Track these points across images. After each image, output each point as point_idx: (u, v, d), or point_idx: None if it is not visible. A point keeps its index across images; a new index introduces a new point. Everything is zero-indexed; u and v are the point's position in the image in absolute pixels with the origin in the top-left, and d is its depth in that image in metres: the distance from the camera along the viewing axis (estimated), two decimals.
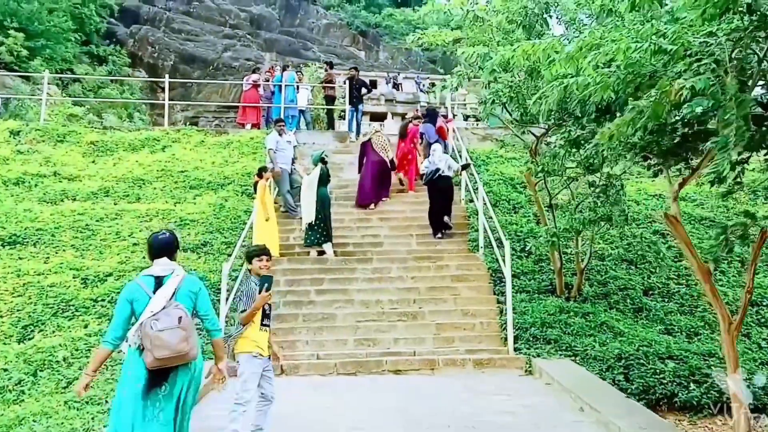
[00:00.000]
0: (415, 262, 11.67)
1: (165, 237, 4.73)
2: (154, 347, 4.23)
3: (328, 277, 11.19)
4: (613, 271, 11.57)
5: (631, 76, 5.47)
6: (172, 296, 4.46)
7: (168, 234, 4.78)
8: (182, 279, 4.58)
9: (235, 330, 5.79)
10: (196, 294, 4.61)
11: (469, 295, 10.73)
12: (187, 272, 4.79)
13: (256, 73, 18.90)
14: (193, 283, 4.64)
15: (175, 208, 12.88)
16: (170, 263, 4.64)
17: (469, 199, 13.96)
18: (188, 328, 4.35)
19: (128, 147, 15.43)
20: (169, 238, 4.74)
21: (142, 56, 36.58)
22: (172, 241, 4.74)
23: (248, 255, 5.93)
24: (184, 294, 4.54)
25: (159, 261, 4.63)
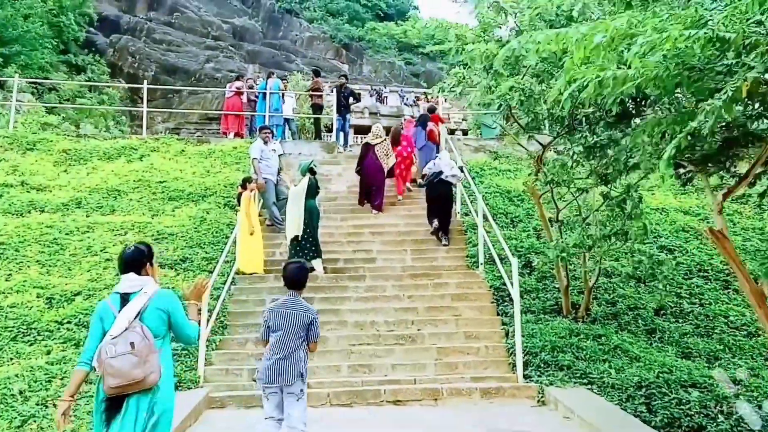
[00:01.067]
0: (411, 279, 10.86)
1: (131, 250, 4.37)
2: (106, 375, 3.98)
3: (317, 296, 10.34)
4: (621, 289, 10.83)
5: (678, 68, 4.72)
6: (136, 316, 4.13)
7: (134, 247, 4.40)
8: (151, 297, 4.20)
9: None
10: (167, 312, 4.24)
11: (471, 315, 9.92)
12: (162, 288, 4.40)
13: (239, 80, 18.05)
14: (164, 300, 4.25)
15: (152, 221, 11.99)
16: (138, 279, 4.26)
17: (465, 213, 13.20)
18: (143, 354, 4.01)
19: (103, 156, 14.52)
20: (136, 252, 4.36)
21: (122, 66, 35.71)
22: (140, 255, 4.35)
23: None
24: (152, 313, 4.18)
25: (125, 277, 4.28)
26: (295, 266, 5.75)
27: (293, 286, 5.64)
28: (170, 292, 4.37)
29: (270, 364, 5.39)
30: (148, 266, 4.37)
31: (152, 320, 4.16)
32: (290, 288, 5.63)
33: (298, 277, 5.69)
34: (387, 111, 35.59)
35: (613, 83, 4.99)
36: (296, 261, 6.10)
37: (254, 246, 11.10)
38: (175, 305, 4.30)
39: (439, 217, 12.22)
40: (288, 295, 5.62)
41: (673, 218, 12.55)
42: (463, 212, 13.20)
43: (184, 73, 36.28)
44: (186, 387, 8.17)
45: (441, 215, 12.25)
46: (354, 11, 48.50)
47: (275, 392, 5.43)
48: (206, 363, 8.68)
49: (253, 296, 10.42)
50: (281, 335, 5.41)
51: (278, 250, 11.86)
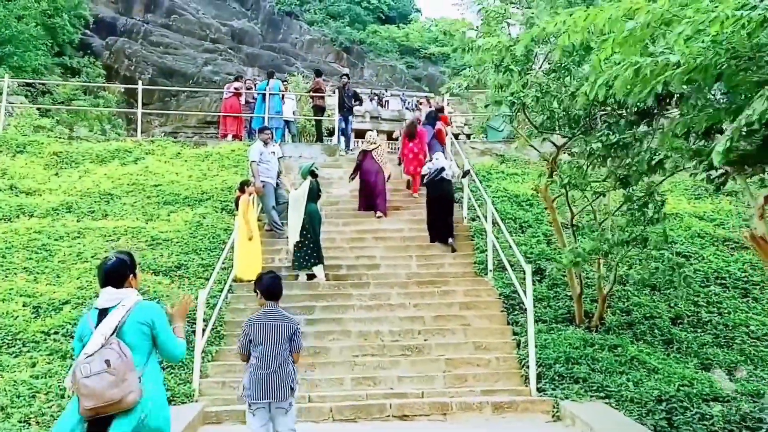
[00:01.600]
0: (417, 287, 10.39)
1: (112, 262, 4.05)
2: (81, 396, 3.70)
3: (319, 304, 9.87)
4: (636, 297, 10.36)
5: (726, 55, 4.27)
6: (113, 332, 3.84)
7: (115, 258, 4.09)
8: (129, 310, 3.91)
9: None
10: (150, 325, 3.96)
11: (481, 325, 9.45)
12: (145, 299, 4.11)
13: (238, 80, 17.56)
14: (144, 313, 3.95)
15: (146, 226, 11.51)
16: (117, 292, 3.96)
17: (472, 218, 12.73)
18: (120, 372, 3.73)
19: (96, 159, 14.04)
20: (117, 264, 4.05)
21: (119, 69, 35.23)
22: (121, 267, 4.05)
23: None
24: (132, 328, 3.90)
25: (104, 291, 3.99)
26: (270, 277, 5.55)
27: (271, 297, 5.43)
28: (152, 304, 4.07)
29: (258, 379, 5.14)
30: (130, 278, 4.08)
31: (132, 335, 3.88)
32: (268, 299, 5.41)
33: (276, 288, 5.50)
34: (388, 115, 35.12)
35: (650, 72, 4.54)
36: (268, 271, 5.82)
37: (253, 252, 10.65)
38: (158, 318, 3.99)
39: (442, 218, 11.84)
40: (267, 306, 5.40)
41: (687, 224, 12.09)
42: (470, 217, 12.74)
43: (182, 76, 35.79)
44: (180, 401, 7.72)
45: (444, 216, 11.87)
46: (355, 14, 48.02)
47: (263, 407, 5.15)
48: (201, 375, 8.22)
49: (251, 304, 9.90)
50: (266, 348, 5.19)
51: (278, 256, 11.40)
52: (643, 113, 8.02)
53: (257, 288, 5.46)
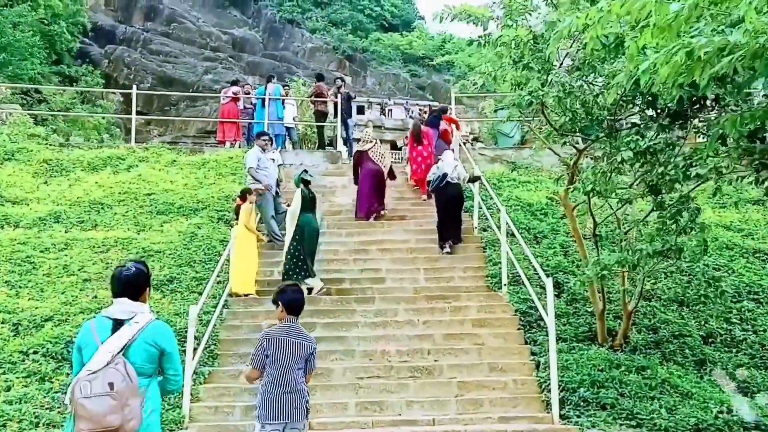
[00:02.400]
0: (425, 302, 9.68)
1: (128, 271, 3.82)
2: (78, 417, 3.46)
3: (320, 321, 9.16)
4: (663, 313, 9.62)
5: None
6: (121, 350, 3.59)
7: (134, 268, 3.86)
8: (142, 328, 3.68)
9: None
10: (159, 348, 3.74)
11: (496, 344, 8.73)
12: (156, 318, 3.87)
13: (236, 85, 16.89)
14: (157, 334, 3.75)
15: (137, 237, 10.83)
16: (132, 305, 3.75)
17: (483, 228, 12.03)
18: (123, 397, 3.48)
19: (87, 166, 13.38)
20: (134, 273, 3.82)
21: (117, 78, 34.73)
22: (137, 277, 3.83)
23: None
24: (140, 348, 3.66)
25: (119, 301, 3.76)
26: (294, 290, 5.31)
27: (294, 311, 5.17)
28: (166, 326, 3.85)
29: (273, 398, 4.94)
30: (146, 291, 3.90)
31: (139, 355, 3.66)
32: (290, 314, 5.14)
33: (300, 303, 5.26)
34: (392, 124, 34.48)
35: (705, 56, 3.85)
36: (292, 284, 5.48)
37: (250, 265, 9.96)
38: (170, 342, 3.81)
39: (449, 223, 11.33)
40: (287, 321, 5.13)
41: (714, 234, 11.37)
42: (480, 227, 12.03)
43: (182, 84, 35.25)
44: (168, 429, 7.01)
45: (451, 224, 11.36)
46: (358, 21, 47.55)
47: (278, 429, 4.95)
48: (192, 399, 7.55)
49: (248, 321, 9.26)
50: (283, 366, 4.95)
51: (276, 269, 10.67)
52: (674, 115, 7.37)
53: (279, 300, 5.13)
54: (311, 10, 48.12)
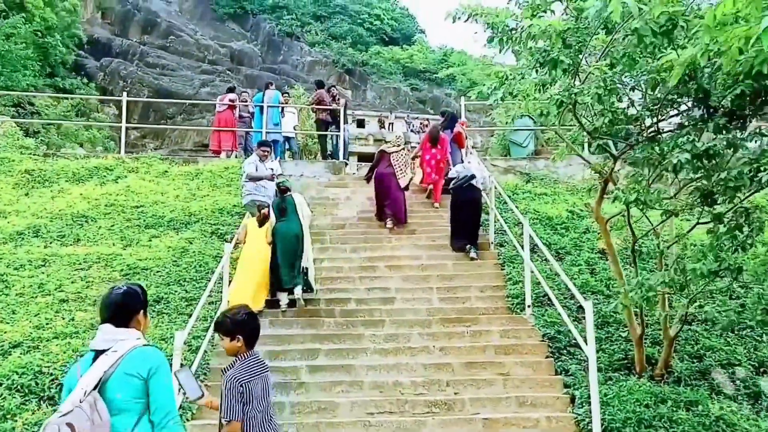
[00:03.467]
0: (441, 326, 8.69)
1: (119, 293, 3.39)
2: None
3: (324, 347, 8.16)
4: (707, 339, 8.61)
5: None
6: (96, 385, 3.11)
7: (126, 290, 3.43)
8: (122, 356, 3.19)
9: None
10: (143, 377, 3.19)
11: (523, 374, 7.71)
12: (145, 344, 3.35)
13: (232, 92, 15.94)
14: (138, 361, 3.22)
15: (122, 253, 9.85)
16: (116, 332, 3.29)
17: (500, 243, 11.07)
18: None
19: (72, 177, 12.42)
20: (126, 296, 3.39)
21: (113, 91, 33.90)
22: (130, 300, 3.39)
23: None
24: (120, 380, 3.16)
25: (101, 328, 3.34)
26: (253, 316, 4.37)
27: (255, 341, 4.32)
28: (151, 351, 3.29)
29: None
30: (139, 315, 3.41)
31: (120, 389, 3.16)
32: (250, 348, 4.28)
33: (258, 328, 4.39)
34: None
35: None
36: (246, 310, 4.40)
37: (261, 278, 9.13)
38: (157, 368, 3.24)
39: (468, 226, 10.77)
40: (250, 356, 4.25)
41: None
42: (497, 242, 11.07)
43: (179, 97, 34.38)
44: None
45: (470, 226, 10.79)
46: (357, 35, 46.91)
47: None
48: None
49: None
50: (264, 408, 4.20)
51: None
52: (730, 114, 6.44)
53: (238, 331, 4.20)
54: (310, 24, 47.49)
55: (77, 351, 7.27)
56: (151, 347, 3.36)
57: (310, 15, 49.32)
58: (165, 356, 3.35)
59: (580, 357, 8.05)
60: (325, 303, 9.40)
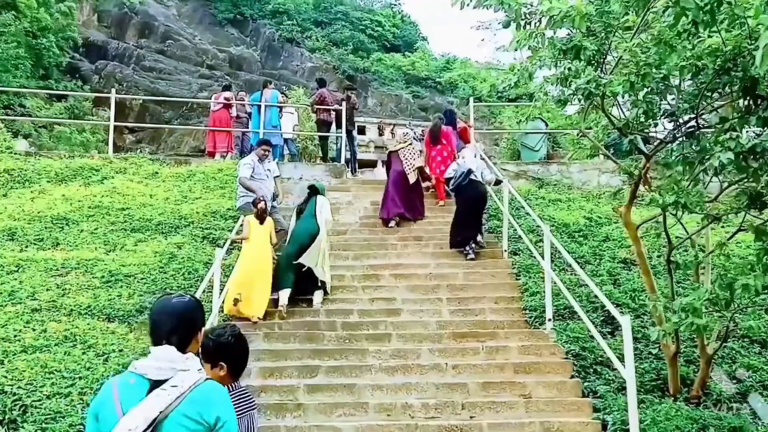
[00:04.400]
0: (454, 340, 7.88)
1: (179, 302, 2.64)
2: None
3: (324, 364, 7.34)
4: (745, 357, 7.83)
5: None
6: (150, 427, 2.37)
7: (188, 297, 2.70)
8: (183, 394, 2.43)
9: None
10: (209, 426, 2.43)
11: (546, 395, 6.90)
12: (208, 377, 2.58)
13: (228, 90, 15.15)
14: (206, 405, 2.46)
15: (104, 258, 9.06)
16: (177, 359, 2.51)
17: (513, 251, 10.28)
18: None
19: (55, 177, 11.63)
20: (186, 306, 2.65)
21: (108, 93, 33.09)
22: (192, 313, 2.65)
23: None
24: (179, 424, 2.40)
25: (159, 350, 2.54)
26: (241, 339, 3.68)
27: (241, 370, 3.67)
28: (220, 392, 2.55)
29: None
30: (198, 335, 2.70)
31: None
32: (236, 379, 3.60)
33: (245, 354, 3.70)
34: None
35: None
36: (234, 332, 3.67)
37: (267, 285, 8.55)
38: (228, 418, 2.50)
39: (471, 222, 10.23)
40: (237, 387, 3.61)
41: None
42: (510, 250, 10.28)
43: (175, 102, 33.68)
44: None
45: (471, 221, 10.25)
46: (359, 41, 46.15)
47: None
48: None
49: None
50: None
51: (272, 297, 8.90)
52: None
53: (223, 359, 3.45)
54: (311, 29, 46.77)
55: (46, 368, 6.47)
56: (218, 385, 2.63)
57: (311, 21, 48.62)
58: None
59: (608, 376, 7.27)
60: (326, 315, 8.59)
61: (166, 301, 2.70)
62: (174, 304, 2.67)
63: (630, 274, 9.76)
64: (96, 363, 6.60)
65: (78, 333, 7.12)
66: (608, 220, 11.61)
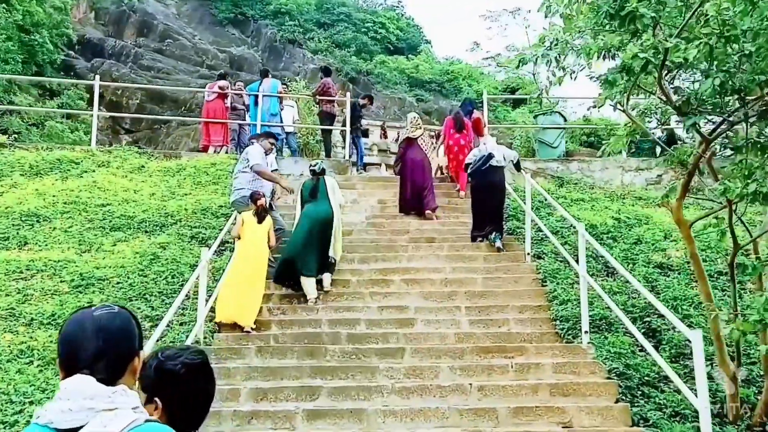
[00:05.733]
0: (477, 356, 6.79)
1: (104, 315, 1.82)
2: None
3: (327, 384, 6.25)
4: None
5: None
6: None
7: (117, 310, 1.85)
8: None
9: None
10: None
11: (591, 424, 5.80)
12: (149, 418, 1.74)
13: (223, 79, 14.08)
14: None
15: (77, 259, 7.99)
16: (99, 392, 1.71)
17: (537, 255, 9.21)
18: None
19: (29, 170, 10.55)
20: (113, 321, 1.82)
21: (104, 93, 32.08)
22: (121, 331, 1.84)
23: None
24: None
25: (69, 384, 1.73)
26: (193, 361, 2.38)
27: (190, 415, 2.33)
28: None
29: None
30: (134, 362, 1.83)
31: None
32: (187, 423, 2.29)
33: (201, 392, 2.38)
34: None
35: None
36: (186, 348, 2.54)
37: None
38: None
39: (490, 213, 9.57)
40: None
41: None
42: (534, 253, 9.20)
43: (173, 102, 32.74)
44: None
45: (492, 211, 9.59)
46: (362, 43, 45.21)
47: None
48: None
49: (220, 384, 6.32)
50: None
51: (265, 305, 7.82)
52: None
53: (158, 393, 2.26)
54: (313, 31, 45.86)
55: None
56: (164, 428, 1.75)
57: (313, 22, 47.74)
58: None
59: (659, 400, 6.20)
60: (329, 325, 7.51)
61: (86, 314, 1.82)
62: (97, 318, 1.80)
63: (669, 281, 8.73)
64: (53, 384, 5.52)
65: (36, 347, 6.05)
66: (638, 221, 10.59)
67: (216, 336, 7.19)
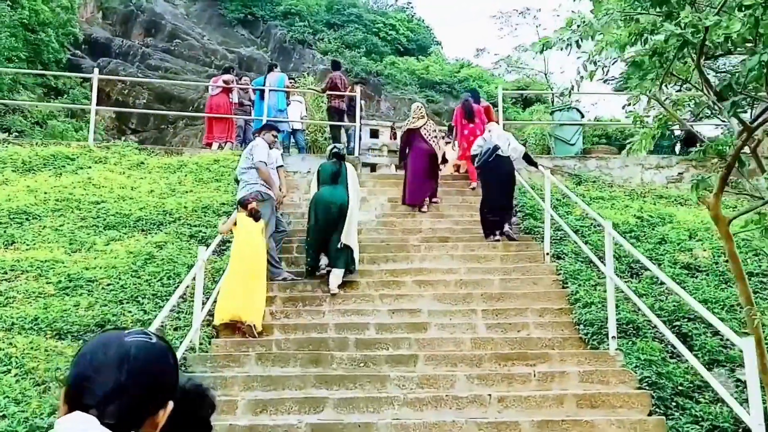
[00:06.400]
0: (496, 364, 6.25)
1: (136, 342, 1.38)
2: None
3: (333, 394, 5.72)
4: None
5: None
6: None
7: (155, 340, 1.43)
8: None
9: None
10: None
11: None
12: None
13: (228, 73, 13.60)
14: None
15: (66, 259, 7.51)
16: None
17: (557, 255, 8.66)
18: None
19: (21, 166, 10.08)
20: (148, 352, 1.38)
21: (110, 92, 31.77)
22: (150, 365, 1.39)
23: None
24: None
25: (63, 425, 1.29)
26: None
27: None
28: None
29: None
30: (159, 414, 1.38)
31: None
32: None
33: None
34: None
35: None
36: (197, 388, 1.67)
37: None
38: None
39: (500, 204, 9.29)
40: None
41: None
42: (553, 253, 8.65)
43: (181, 102, 32.40)
44: None
45: (502, 202, 9.32)
46: (372, 44, 44.87)
47: None
48: None
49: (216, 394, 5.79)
50: None
51: (268, 309, 7.31)
52: None
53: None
54: (323, 31, 45.55)
55: None
56: None
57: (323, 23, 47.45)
58: None
59: (695, 412, 5.65)
60: (335, 329, 6.99)
61: (113, 337, 1.43)
62: (127, 344, 1.39)
63: (697, 282, 8.21)
64: (30, 395, 5.01)
65: (15, 354, 5.55)
66: (661, 219, 10.07)
67: (213, 342, 6.69)
